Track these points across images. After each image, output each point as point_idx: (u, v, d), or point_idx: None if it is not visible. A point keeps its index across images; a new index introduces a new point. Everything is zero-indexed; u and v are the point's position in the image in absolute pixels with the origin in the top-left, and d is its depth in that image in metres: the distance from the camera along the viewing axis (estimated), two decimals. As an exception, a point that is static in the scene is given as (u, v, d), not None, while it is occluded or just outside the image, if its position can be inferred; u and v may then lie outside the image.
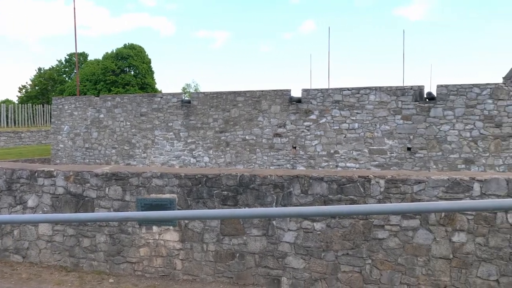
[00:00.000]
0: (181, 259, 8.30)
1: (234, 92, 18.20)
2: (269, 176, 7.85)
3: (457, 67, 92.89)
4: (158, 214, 2.10)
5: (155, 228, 8.44)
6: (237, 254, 8.00)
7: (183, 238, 8.28)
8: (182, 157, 18.97)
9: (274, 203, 7.80)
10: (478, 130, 15.02)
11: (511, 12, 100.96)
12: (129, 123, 19.94)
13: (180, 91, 57.19)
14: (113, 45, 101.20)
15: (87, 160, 20.74)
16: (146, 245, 8.49)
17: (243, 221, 7.94)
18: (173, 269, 8.34)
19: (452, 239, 7.03)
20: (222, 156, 18.27)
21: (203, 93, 19.10)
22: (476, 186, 6.94)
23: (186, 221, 8.24)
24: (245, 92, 18.02)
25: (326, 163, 16.58)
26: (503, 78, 39.94)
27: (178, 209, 8.18)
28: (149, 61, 49.72)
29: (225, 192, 8.06)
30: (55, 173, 9.04)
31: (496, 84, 15.08)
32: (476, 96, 15.01)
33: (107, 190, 8.69)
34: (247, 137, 17.88)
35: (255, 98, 17.74)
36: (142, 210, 8.33)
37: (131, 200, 8.53)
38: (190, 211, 2.15)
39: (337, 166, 16.34)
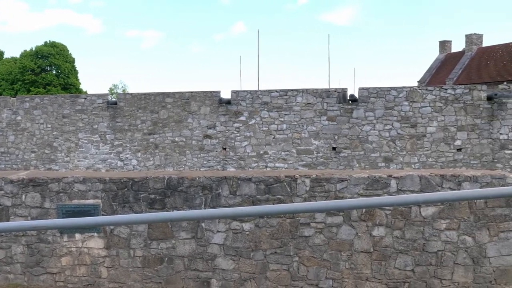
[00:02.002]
0: (106, 267, 7.99)
1: (163, 93, 17.86)
2: (197, 178, 7.80)
3: (377, 71, 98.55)
4: (80, 221, 2.02)
5: (78, 235, 8.04)
6: (166, 259, 7.86)
7: (109, 245, 7.97)
8: (109, 160, 18.26)
9: (203, 205, 7.76)
10: (396, 130, 16.06)
11: (428, 19, 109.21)
12: (50, 126, 18.81)
13: (106, 92, 54.94)
14: (32, 43, 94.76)
15: (3, 166, 19.25)
16: (68, 254, 8.06)
17: (171, 224, 7.82)
18: (98, 277, 8.00)
19: (372, 234, 7.45)
20: (151, 159, 17.85)
21: (131, 94, 18.55)
22: (393, 183, 7.42)
23: (112, 227, 7.94)
24: (174, 93, 17.75)
25: (256, 164, 16.81)
26: (418, 81, 43.06)
27: (103, 215, 7.86)
28: (72, 60, 47.23)
29: (153, 196, 7.89)
30: (-38, 181, 8.29)
31: (411, 87, 16.26)
32: (394, 99, 16.04)
33: (23, 197, 8.14)
34: (176, 139, 17.63)
35: (184, 100, 17.54)
36: (63, 217, 7.90)
37: (51, 207, 8.06)
38: (115, 216, 2.08)
39: (266, 167, 16.63)
